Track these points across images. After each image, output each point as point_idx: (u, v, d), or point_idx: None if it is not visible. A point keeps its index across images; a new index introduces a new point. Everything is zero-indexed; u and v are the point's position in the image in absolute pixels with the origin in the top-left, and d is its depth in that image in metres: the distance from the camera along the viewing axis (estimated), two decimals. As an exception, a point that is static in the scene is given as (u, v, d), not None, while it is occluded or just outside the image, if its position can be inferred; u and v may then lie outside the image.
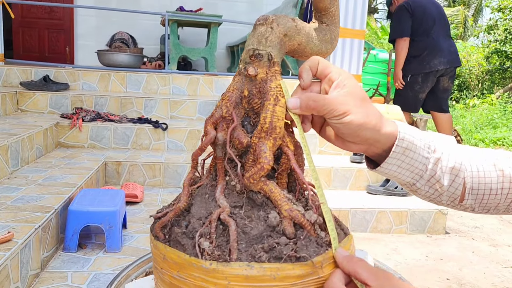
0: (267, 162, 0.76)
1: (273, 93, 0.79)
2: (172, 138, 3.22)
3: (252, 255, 0.68)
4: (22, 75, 3.72)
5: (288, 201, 0.76)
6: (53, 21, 6.34)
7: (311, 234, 0.72)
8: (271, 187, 0.75)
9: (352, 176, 3.04)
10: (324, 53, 0.93)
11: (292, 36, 0.85)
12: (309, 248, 0.69)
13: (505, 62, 9.88)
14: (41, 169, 2.47)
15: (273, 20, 0.85)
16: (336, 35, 0.96)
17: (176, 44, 5.18)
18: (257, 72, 0.82)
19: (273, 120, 0.76)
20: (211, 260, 0.67)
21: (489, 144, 6.73)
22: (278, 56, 0.84)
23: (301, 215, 0.71)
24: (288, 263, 0.67)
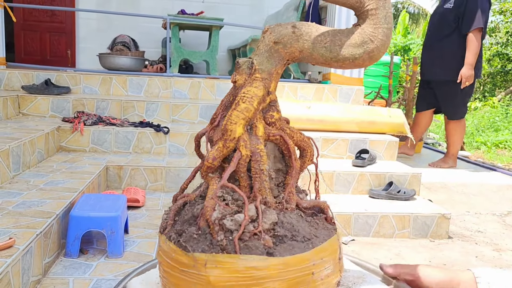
0: (207, 159, 0.82)
1: (238, 98, 0.82)
2: (174, 142, 3.21)
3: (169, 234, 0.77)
4: (24, 78, 3.72)
5: (215, 198, 0.79)
6: (55, 24, 6.35)
7: (212, 234, 0.76)
8: (211, 182, 0.80)
9: (355, 180, 3.03)
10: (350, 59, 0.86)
11: (288, 43, 0.83)
12: (199, 244, 0.71)
13: (506, 65, 9.87)
14: (43, 173, 2.46)
15: (268, 29, 0.85)
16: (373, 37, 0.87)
17: (177, 47, 5.18)
18: (235, 79, 0.84)
19: (226, 123, 0.79)
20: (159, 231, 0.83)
21: (491, 147, 6.71)
22: (266, 63, 0.84)
23: (208, 213, 0.75)
24: (180, 249, 0.73)
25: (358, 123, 3.57)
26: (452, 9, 3.85)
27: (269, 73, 0.83)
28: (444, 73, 3.96)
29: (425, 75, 4.16)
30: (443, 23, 3.91)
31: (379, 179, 3.07)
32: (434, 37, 3.99)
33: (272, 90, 0.86)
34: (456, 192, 3.65)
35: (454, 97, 4.02)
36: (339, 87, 4.11)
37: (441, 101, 4.13)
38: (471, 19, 3.73)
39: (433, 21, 4.04)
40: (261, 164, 0.81)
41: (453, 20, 3.83)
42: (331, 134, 3.43)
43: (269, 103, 0.88)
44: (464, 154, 5.74)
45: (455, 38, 3.87)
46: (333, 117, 3.52)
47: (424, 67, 4.15)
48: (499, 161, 5.83)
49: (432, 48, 4.01)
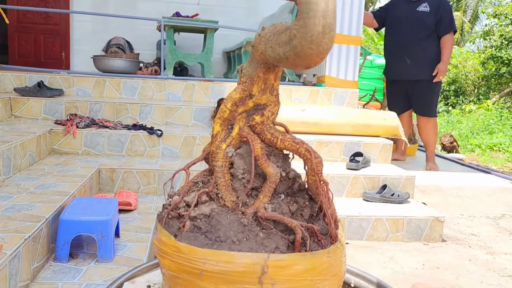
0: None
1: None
2: (167, 145, 3.19)
3: None
4: (16, 81, 3.69)
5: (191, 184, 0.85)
6: (49, 26, 6.32)
7: None
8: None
9: (349, 183, 3.02)
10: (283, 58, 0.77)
11: (256, 46, 0.81)
12: None
13: (501, 68, 9.91)
14: (34, 176, 2.44)
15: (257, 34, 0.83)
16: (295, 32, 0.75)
17: (172, 49, 5.16)
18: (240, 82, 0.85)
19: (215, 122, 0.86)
20: None
21: (486, 150, 6.73)
22: (248, 68, 0.83)
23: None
24: None
25: (353, 126, 3.56)
26: (429, 12, 4.03)
27: (250, 76, 0.81)
28: (422, 73, 4.12)
29: (396, 76, 4.25)
30: (421, 25, 4.05)
31: (373, 182, 3.06)
32: (411, 39, 4.08)
33: (255, 93, 0.84)
34: (450, 195, 3.65)
35: (431, 95, 4.21)
36: (333, 89, 4.11)
37: (417, 100, 4.25)
38: (449, 22, 4.02)
39: (406, 24, 4.10)
40: (215, 161, 0.83)
41: (432, 23, 4.03)
42: (325, 137, 3.42)
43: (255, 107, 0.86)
44: (459, 156, 5.75)
45: (433, 40, 4.08)
46: (327, 120, 3.52)
47: (395, 68, 4.23)
48: (494, 163, 5.84)
49: (409, 49, 4.09)
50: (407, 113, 4.38)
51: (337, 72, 4.18)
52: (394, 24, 4.18)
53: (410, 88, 4.21)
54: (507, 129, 7.61)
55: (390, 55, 4.28)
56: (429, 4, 4.04)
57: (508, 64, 9.82)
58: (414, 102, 4.27)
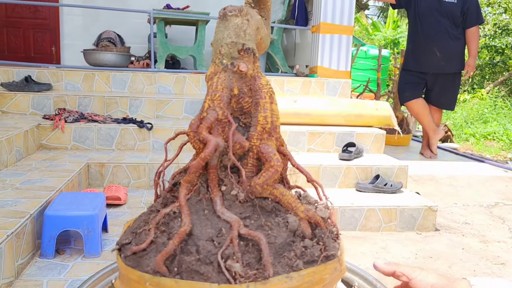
0: (280, 164, 0.68)
1: (267, 90, 0.71)
2: (158, 138, 3.16)
3: (288, 265, 0.61)
4: (4, 75, 3.63)
5: (299, 201, 0.71)
6: (38, 21, 6.24)
7: (326, 231, 0.68)
8: (281, 190, 0.68)
9: (341, 174, 2.99)
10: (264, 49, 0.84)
11: (260, 30, 0.78)
12: (331, 245, 0.64)
13: (495, 57, 9.90)
14: (20, 172, 2.40)
15: (247, 12, 0.78)
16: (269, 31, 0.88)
17: (163, 42, 5.10)
18: (248, 69, 0.74)
19: (273, 120, 0.69)
20: (248, 281, 0.57)
21: (480, 139, 6.73)
22: (256, 50, 0.78)
23: (317, 214, 0.66)
24: (320, 264, 0.62)
25: (345, 116, 3.53)
26: (457, 4, 3.90)
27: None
28: (450, 66, 4.03)
29: (424, 68, 4.07)
30: (449, 17, 3.92)
31: (366, 173, 3.04)
32: (439, 31, 3.94)
33: None
34: (444, 184, 3.64)
35: (455, 88, 4.17)
36: (326, 80, 4.07)
37: (439, 93, 4.13)
38: (476, 14, 3.93)
39: (434, 16, 3.95)
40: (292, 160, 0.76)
41: (459, 14, 3.92)
42: (318, 128, 3.39)
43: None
44: (453, 146, 5.74)
45: (460, 32, 3.98)
46: (319, 110, 3.49)
47: (421, 60, 4.06)
48: (488, 152, 5.84)
49: (437, 42, 3.95)
50: (421, 99, 4.19)
51: (329, 63, 4.14)
52: (421, 15, 4.02)
53: (433, 81, 4.10)
54: (501, 118, 7.61)
55: (416, 47, 4.10)
56: None
57: (502, 53, 9.81)
58: (436, 95, 4.15)
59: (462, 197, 3.46)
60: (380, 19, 19.11)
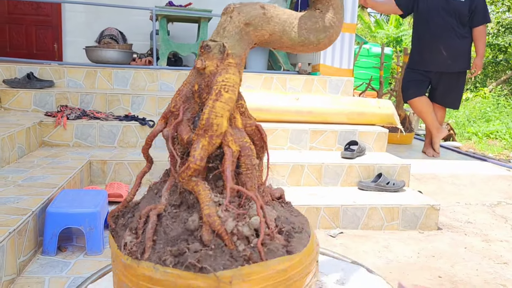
0: (194, 161, 0.70)
1: (217, 87, 0.72)
2: (159, 136, 3.14)
3: (159, 257, 0.63)
4: (6, 72, 3.63)
5: (214, 205, 0.69)
6: (41, 17, 6.23)
7: (228, 246, 0.65)
8: (200, 188, 0.69)
9: (344, 172, 2.99)
10: (314, 43, 0.82)
11: (259, 25, 0.78)
12: (218, 260, 0.61)
13: (498, 55, 9.85)
14: (22, 169, 2.40)
15: (234, 8, 0.78)
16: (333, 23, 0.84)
17: (165, 39, 5.09)
18: (204, 65, 0.75)
19: (210, 117, 0.69)
20: (127, 255, 0.65)
21: (482, 138, 6.70)
22: (238, 47, 0.78)
23: (219, 223, 0.64)
24: (190, 272, 0.61)
25: (347, 114, 3.52)
26: (465, 2, 3.86)
27: (240, 57, 0.76)
28: (456, 65, 4.00)
29: (429, 66, 4.04)
30: (456, 16, 3.88)
31: (368, 171, 3.03)
32: (446, 30, 3.90)
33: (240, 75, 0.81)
34: (446, 183, 3.63)
35: (460, 87, 4.16)
36: (328, 78, 4.06)
37: (444, 91, 4.11)
38: (483, 13, 3.90)
39: (441, 14, 3.90)
40: (253, 159, 0.75)
41: (467, 13, 3.88)
42: (320, 126, 3.38)
43: (237, 91, 0.83)
44: (455, 144, 5.72)
45: (467, 31, 3.95)
46: (322, 108, 3.48)
47: (427, 59, 4.03)
48: (490, 151, 5.82)
49: (444, 41, 3.92)
50: (425, 97, 4.16)
51: (332, 61, 4.13)
52: (427, 14, 3.97)
53: (437, 79, 4.07)
54: (504, 117, 7.58)
55: (422, 45, 4.06)
56: None
57: (505, 52, 9.77)
58: (440, 94, 4.13)
59: (464, 196, 3.45)
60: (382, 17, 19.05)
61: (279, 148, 3.27)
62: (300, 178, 2.95)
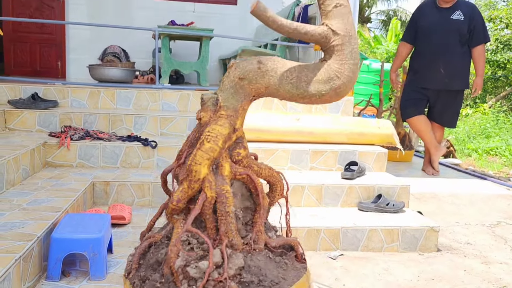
0: (172, 201, 0.80)
1: (202, 137, 0.80)
2: (162, 156, 3.19)
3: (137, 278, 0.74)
4: (11, 92, 3.68)
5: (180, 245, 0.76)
6: (45, 36, 6.33)
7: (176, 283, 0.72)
8: (177, 225, 0.77)
9: (344, 193, 3.02)
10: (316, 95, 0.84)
11: (253, 79, 0.82)
12: None
13: (497, 71, 9.94)
14: (27, 191, 2.43)
15: (233, 64, 0.83)
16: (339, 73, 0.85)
17: (167, 58, 5.17)
18: (199, 116, 0.83)
19: (191, 164, 0.76)
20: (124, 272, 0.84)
21: (482, 154, 6.73)
22: (232, 100, 0.83)
23: (172, 260, 0.71)
24: None
25: (348, 134, 3.57)
26: (463, 21, 3.90)
27: (235, 109, 0.81)
28: (457, 83, 4.04)
29: (427, 84, 4.08)
30: (455, 34, 3.92)
31: (368, 192, 3.06)
32: (445, 48, 3.94)
33: (239, 127, 0.85)
34: (446, 202, 3.65)
35: (458, 106, 4.19)
36: (328, 98, 4.11)
37: (442, 109, 4.15)
38: (482, 33, 3.95)
39: (440, 32, 3.95)
40: (227, 206, 0.79)
41: (466, 32, 3.92)
42: (321, 146, 3.42)
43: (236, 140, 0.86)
44: (455, 162, 5.75)
45: (466, 49, 3.99)
46: (322, 129, 3.52)
47: (426, 76, 4.07)
48: (490, 168, 5.84)
49: (443, 59, 3.96)
50: (423, 116, 4.20)
51: (332, 80, 4.18)
52: (427, 32, 4.02)
53: (435, 97, 4.12)
54: (503, 133, 7.62)
55: (421, 63, 4.11)
56: (462, 12, 3.90)
57: (504, 68, 9.85)
58: (438, 112, 4.17)
59: (464, 216, 3.47)
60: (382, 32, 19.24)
61: (280, 169, 3.30)
62: (300, 198, 2.98)
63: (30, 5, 6.24)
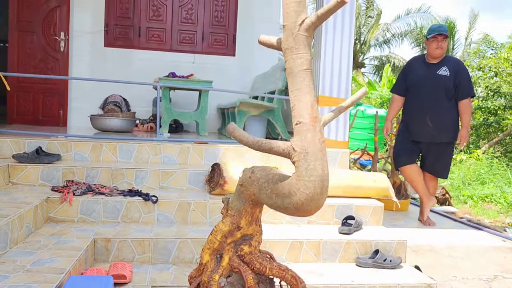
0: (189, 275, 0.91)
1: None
2: (162, 211, 3.24)
3: None
4: (15, 146, 3.77)
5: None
6: (48, 85, 6.49)
7: None
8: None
9: (341, 249, 3.06)
10: (282, 207, 0.91)
11: (248, 186, 0.94)
12: None
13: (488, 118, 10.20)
14: (30, 250, 2.47)
15: (242, 172, 0.95)
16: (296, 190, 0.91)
17: (167, 108, 5.32)
18: (222, 212, 0.93)
19: (202, 249, 0.87)
20: None
21: (478, 201, 6.80)
22: (236, 202, 0.94)
23: None
24: None
25: (344, 187, 3.64)
26: (450, 76, 4.10)
27: (238, 211, 0.92)
28: (444, 136, 4.19)
29: (417, 137, 4.24)
30: (443, 89, 4.10)
31: (366, 247, 3.10)
32: (433, 102, 4.11)
33: (243, 226, 0.94)
34: (443, 255, 3.68)
35: (448, 157, 4.32)
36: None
37: (434, 161, 4.27)
38: (468, 87, 4.14)
39: (428, 87, 4.13)
40: None
41: (452, 86, 4.11)
42: (318, 200, 3.48)
43: (242, 237, 0.95)
44: (451, 210, 5.80)
45: (453, 103, 4.17)
46: (319, 182, 3.59)
47: (417, 130, 4.22)
48: (486, 216, 5.89)
49: (432, 112, 4.12)
50: (415, 165, 4.32)
51: (328, 133, 4.31)
52: (415, 86, 4.21)
53: (427, 149, 4.26)
54: (498, 180, 7.72)
55: (411, 116, 4.28)
56: (449, 68, 4.11)
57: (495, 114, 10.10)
58: (430, 163, 4.29)
59: (461, 270, 3.50)
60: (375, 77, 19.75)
61: (278, 223, 3.35)
62: (299, 254, 3.02)
63: (35, 56, 6.45)
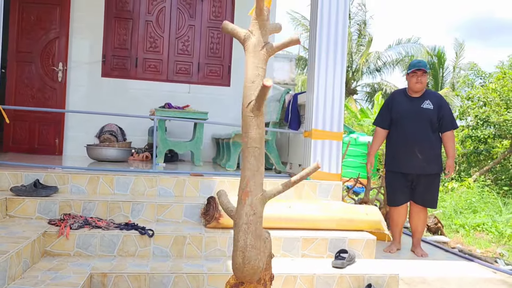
0: None
1: None
2: (158, 245, 3.28)
3: None
4: (13, 179, 3.81)
5: None
6: (44, 114, 6.56)
7: None
8: None
9: (335, 283, 3.11)
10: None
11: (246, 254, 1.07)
12: None
13: (478, 146, 10.39)
14: (28, 287, 2.49)
15: None
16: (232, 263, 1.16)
17: (163, 139, 5.41)
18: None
19: None
20: None
21: (469, 231, 6.87)
22: None
23: None
24: None
25: (337, 220, 3.71)
26: (433, 110, 4.27)
27: None
28: (432, 167, 4.32)
29: (406, 169, 4.33)
30: (427, 122, 4.26)
31: (359, 281, 3.15)
32: (419, 135, 4.25)
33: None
34: (435, 287, 3.72)
35: (436, 188, 4.44)
36: (318, 182, 4.30)
37: (423, 192, 4.37)
38: (451, 120, 4.34)
39: (413, 120, 4.27)
40: None
41: (436, 120, 4.29)
42: (311, 233, 3.55)
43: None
44: (443, 240, 5.86)
45: (438, 135, 4.35)
46: (313, 215, 3.67)
47: (404, 162, 4.33)
48: (478, 245, 5.95)
49: (418, 145, 4.25)
50: (405, 205, 4.46)
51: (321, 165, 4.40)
52: (400, 119, 4.34)
53: (417, 181, 4.36)
54: (489, 208, 7.82)
55: (398, 149, 4.38)
56: (432, 102, 4.29)
57: (485, 142, 10.30)
58: (419, 194, 4.39)
59: (453, 303, 3.54)
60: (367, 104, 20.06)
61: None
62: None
63: (33, 85, 6.55)
